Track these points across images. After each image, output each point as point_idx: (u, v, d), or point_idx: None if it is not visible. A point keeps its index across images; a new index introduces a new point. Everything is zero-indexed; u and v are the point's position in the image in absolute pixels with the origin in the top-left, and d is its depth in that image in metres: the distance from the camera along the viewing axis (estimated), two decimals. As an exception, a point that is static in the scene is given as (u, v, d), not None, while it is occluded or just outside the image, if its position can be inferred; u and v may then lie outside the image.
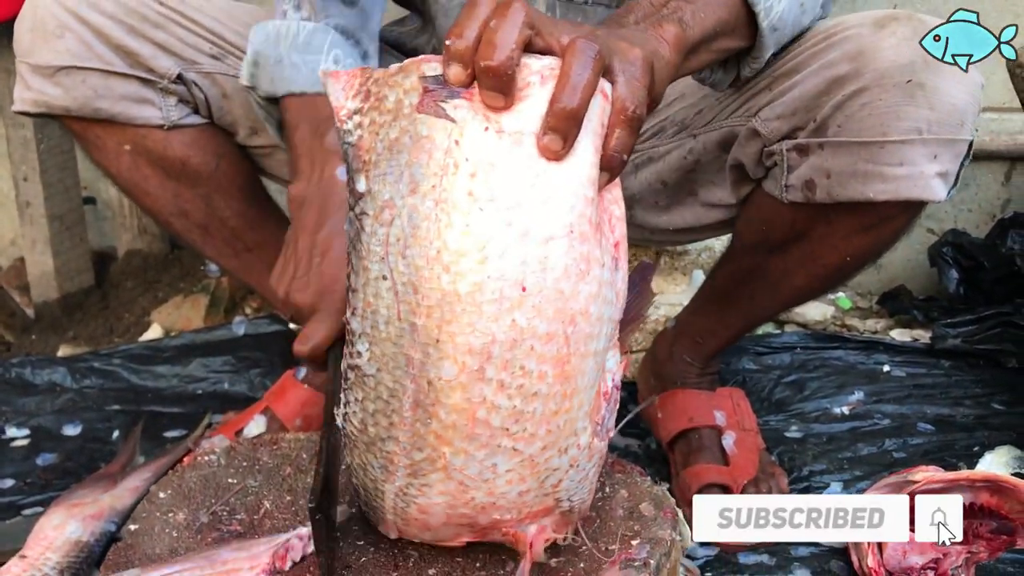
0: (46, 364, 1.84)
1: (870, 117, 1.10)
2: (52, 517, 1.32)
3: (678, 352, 1.48)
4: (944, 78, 1.08)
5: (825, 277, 1.30)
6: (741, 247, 1.35)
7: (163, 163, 1.32)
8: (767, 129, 1.17)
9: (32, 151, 2.12)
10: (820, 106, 1.12)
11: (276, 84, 1.16)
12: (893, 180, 1.11)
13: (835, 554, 1.30)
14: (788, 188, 1.18)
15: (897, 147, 1.10)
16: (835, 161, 1.13)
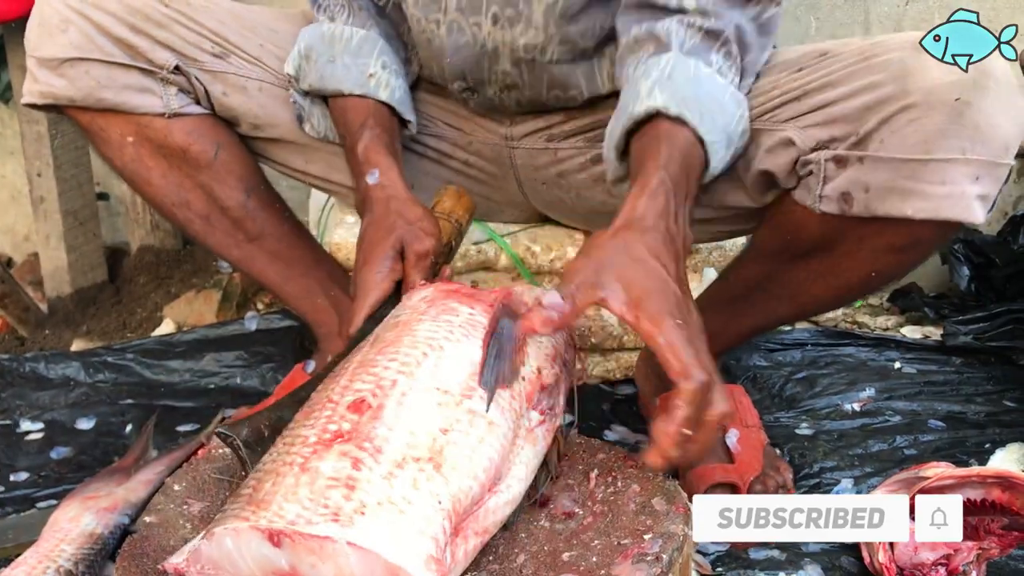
0: (60, 359, 1.85)
1: (915, 134, 1.09)
2: (67, 510, 1.33)
3: None
4: (992, 101, 1.08)
5: (846, 291, 1.30)
6: (760, 252, 1.34)
7: (165, 152, 1.35)
8: (804, 137, 1.16)
9: (46, 147, 2.13)
10: (864, 120, 1.11)
11: (326, 81, 1.30)
12: (934, 199, 1.10)
13: (846, 550, 1.30)
14: (822, 199, 1.16)
15: (940, 166, 1.09)
16: (875, 176, 1.12)
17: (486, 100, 1.34)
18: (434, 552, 0.80)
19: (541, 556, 0.93)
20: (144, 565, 0.92)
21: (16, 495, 1.49)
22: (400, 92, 1.32)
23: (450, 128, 1.43)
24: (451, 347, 0.93)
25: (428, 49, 1.32)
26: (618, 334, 1.72)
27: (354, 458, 0.83)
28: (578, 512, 0.99)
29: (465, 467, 0.86)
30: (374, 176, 1.24)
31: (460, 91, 1.34)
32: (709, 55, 1.13)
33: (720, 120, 1.11)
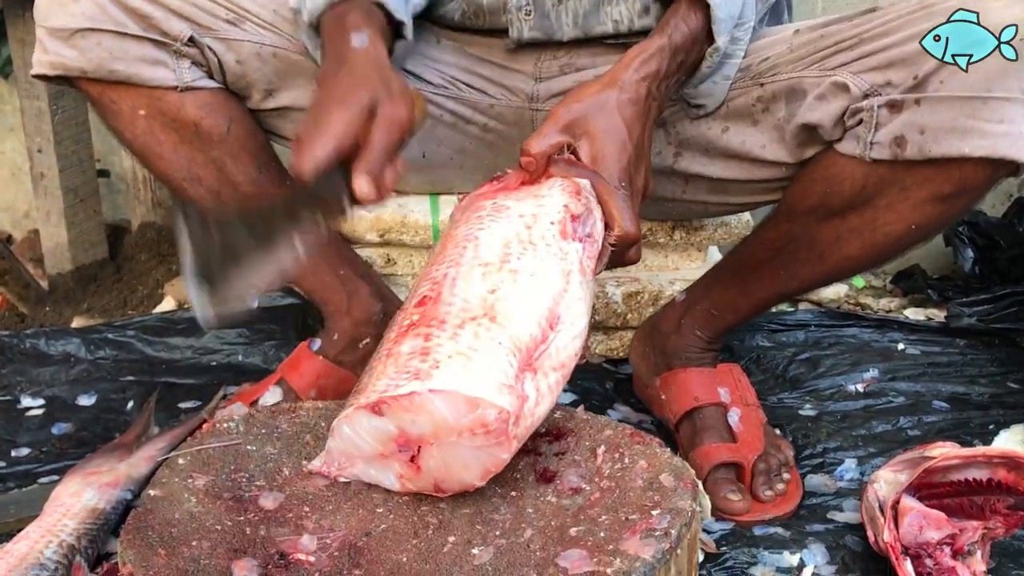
0: (60, 335, 1.84)
1: (975, 73, 1.11)
2: (69, 485, 1.33)
3: (687, 325, 1.46)
4: None
5: (880, 249, 1.29)
6: (792, 211, 1.32)
7: (176, 126, 1.33)
8: (858, 81, 1.18)
9: (47, 122, 2.12)
10: (923, 62, 1.13)
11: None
12: (991, 136, 1.12)
13: (850, 529, 1.30)
14: (873, 146, 1.18)
15: (1000, 104, 1.11)
16: (932, 117, 1.14)
17: (542, 18, 1.35)
18: (504, 381, 0.92)
19: (548, 531, 0.93)
20: (149, 538, 0.91)
21: (18, 470, 1.49)
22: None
23: (473, 91, 1.42)
24: (484, 234, 1.05)
25: None
26: (622, 312, 1.71)
27: (424, 334, 0.96)
28: (585, 488, 0.98)
29: (516, 314, 0.97)
30: (362, 38, 1.14)
31: (518, 8, 1.34)
32: None
33: (735, 6, 1.21)
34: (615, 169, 1.11)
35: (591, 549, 0.88)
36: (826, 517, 1.33)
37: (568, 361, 1.00)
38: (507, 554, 0.90)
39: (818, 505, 1.36)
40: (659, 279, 1.71)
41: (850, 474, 1.42)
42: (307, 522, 0.96)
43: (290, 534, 0.94)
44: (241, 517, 0.97)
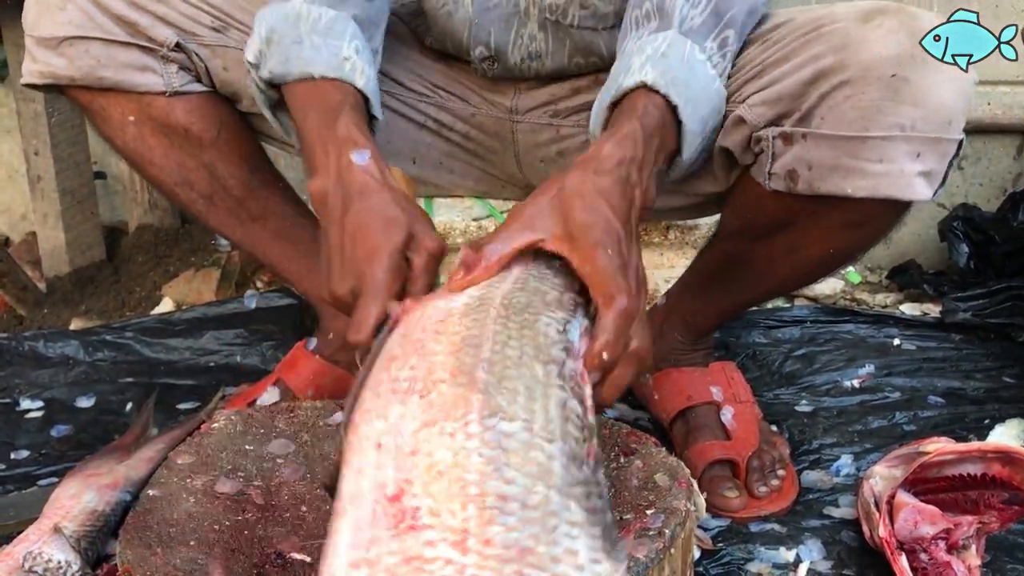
0: (59, 337, 1.85)
1: (852, 111, 1.07)
2: (68, 487, 1.33)
3: (668, 330, 1.47)
4: (932, 74, 1.05)
5: (809, 268, 1.30)
6: (725, 233, 1.34)
7: (166, 131, 1.33)
8: (753, 115, 1.14)
9: (43, 125, 2.12)
10: (806, 95, 1.10)
11: (291, 64, 1.13)
12: (873, 177, 1.09)
13: (846, 525, 1.31)
14: (772, 176, 1.15)
15: (878, 143, 1.07)
16: (817, 153, 1.11)
17: (506, 70, 1.32)
18: None
19: (544, 530, 0.93)
20: (147, 538, 0.92)
21: (17, 473, 1.49)
22: (373, 83, 1.15)
23: (454, 98, 1.41)
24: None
25: (448, 22, 1.30)
26: (618, 311, 1.72)
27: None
28: (580, 487, 0.99)
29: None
30: (363, 156, 1.05)
31: (481, 59, 1.31)
32: (706, 41, 1.10)
33: (703, 109, 1.08)
34: (601, 241, 0.90)
35: (586, 547, 0.89)
36: (822, 513, 1.34)
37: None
38: (503, 553, 0.91)
39: (814, 501, 1.36)
40: (654, 277, 1.72)
41: (846, 470, 1.43)
42: (305, 522, 0.97)
43: (288, 534, 0.95)
44: (239, 517, 0.97)
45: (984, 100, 1.95)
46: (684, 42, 1.08)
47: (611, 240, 0.90)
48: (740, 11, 1.12)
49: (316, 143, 1.08)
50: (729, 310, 1.46)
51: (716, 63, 1.10)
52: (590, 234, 0.90)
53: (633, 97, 1.05)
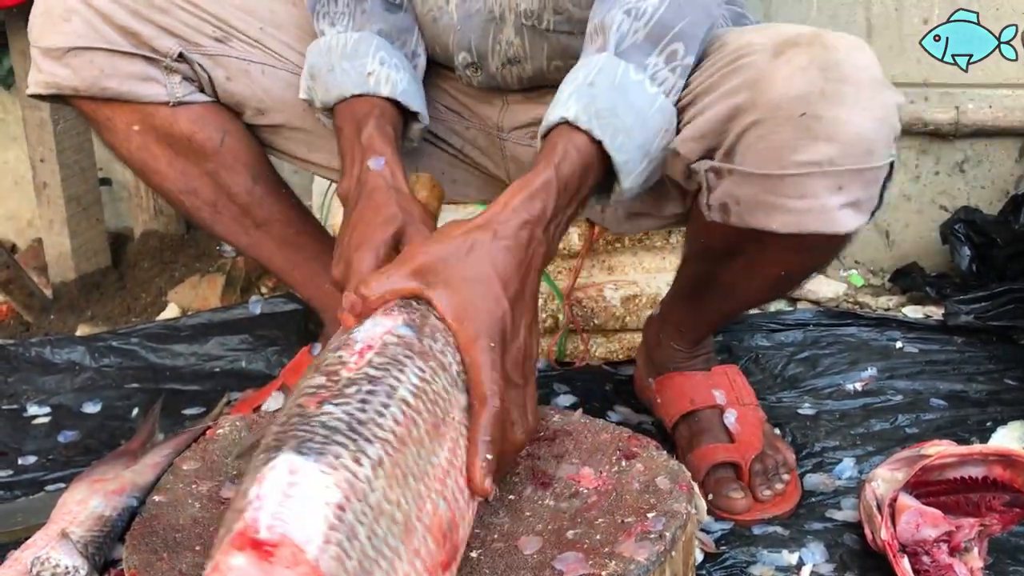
0: (65, 343, 1.86)
1: (767, 150, 1.06)
2: (75, 492, 1.34)
3: (665, 338, 1.48)
4: (844, 109, 1.02)
5: (771, 286, 1.30)
6: (690, 254, 1.35)
7: (170, 140, 1.35)
8: (685, 149, 1.13)
9: (49, 132, 2.14)
10: (726, 132, 1.09)
11: (330, 92, 1.24)
12: (795, 213, 1.07)
13: (848, 528, 1.31)
14: (710, 208, 1.14)
15: (796, 180, 1.05)
16: (742, 189, 1.09)
17: (489, 77, 1.32)
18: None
19: (546, 534, 0.94)
20: (153, 543, 0.93)
21: (25, 478, 1.50)
22: (404, 84, 1.25)
23: (450, 112, 1.42)
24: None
25: (433, 28, 1.31)
26: (620, 315, 1.73)
27: None
28: (582, 491, 1.00)
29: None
30: (379, 162, 1.17)
31: (464, 66, 1.32)
32: (647, 57, 1.07)
33: (638, 136, 1.06)
34: (483, 327, 0.91)
35: (587, 552, 0.90)
36: (824, 516, 1.34)
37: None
38: (504, 557, 0.91)
39: (817, 504, 1.37)
40: (656, 281, 1.73)
41: (848, 472, 1.43)
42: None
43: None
44: (244, 523, 0.98)
45: (986, 103, 1.96)
46: (617, 65, 1.06)
47: (495, 324, 0.92)
48: (692, 21, 1.09)
49: (346, 151, 1.21)
50: (715, 321, 1.46)
51: (663, 78, 1.08)
52: (475, 320, 0.91)
53: (555, 135, 1.05)
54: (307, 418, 0.79)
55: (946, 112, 1.96)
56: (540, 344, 0.97)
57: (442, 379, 0.89)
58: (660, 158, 1.11)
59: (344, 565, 0.69)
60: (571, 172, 1.02)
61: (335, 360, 0.86)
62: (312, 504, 0.71)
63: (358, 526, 0.72)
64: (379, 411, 0.81)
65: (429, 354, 0.89)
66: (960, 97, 1.97)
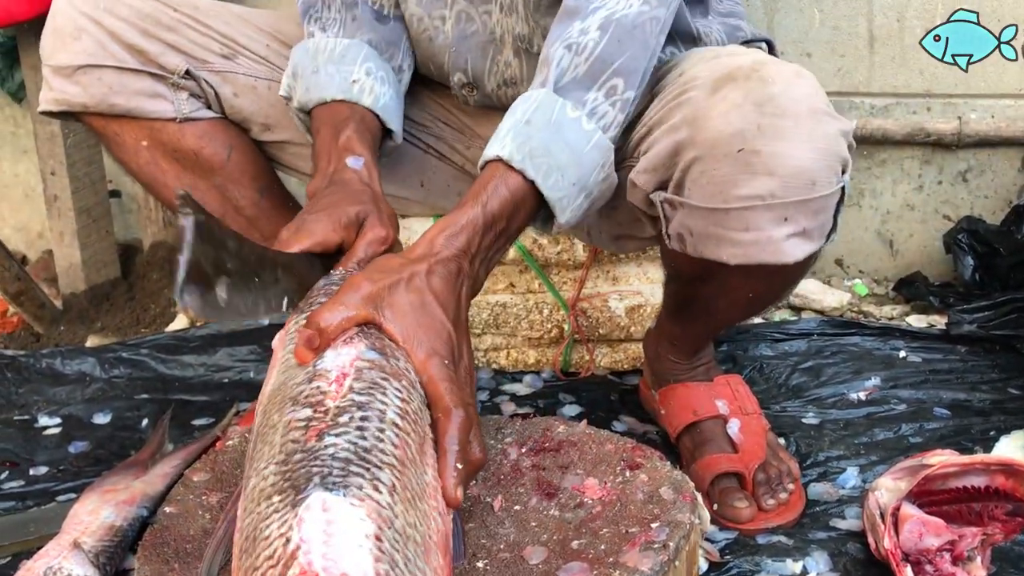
0: (76, 355, 1.88)
1: (709, 185, 1.07)
2: (86, 503, 1.36)
3: (663, 352, 1.49)
4: (784, 140, 1.04)
5: (745, 307, 1.31)
6: (668, 275, 1.36)
7: (178, 155, 1.37)
8: (641, 180, 1.15)
9: (59, 146, 2.16)
10: (673, 166, 1.10)
11: (311, 92, 1.26)
12: (742, 245, 1.09)
13: (852, 537, 1.32)
14: (669, 237, 1.16)
15: (740, 213, 1.07)
16: (692, 221, 1.11)
17: (485, 97, 1.34)
18: None
19: (551, 544, 0.96)
20: (164, 554, 0.94)
21: (36, 489, 1.52)
22: (385, 99, 1.27)
23: (450, 129, 1.44)
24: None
25: (429, 47, 1.33)
26: (625, 325, 1.74)
27: None
28: (587, 501, 1.01)
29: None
30: (358, 161, 1.18)
31: (460, 86, 1.34)
32: (586, 93, 1.09)
33: (572, 174, 1.07)
34: (435, 346, 0.95)
35: (592, 562, 0.91)
36: (828, 525, 1.35)
37: None
38: (510, 567, 0.93)
39: (820, 513, 1.38)
40: (661, 291, 1.73)
41: (852, 482, 1.44)
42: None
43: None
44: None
45: (988, 113, 1.97)
46: (554, 102, 1.08)
47: (444, 344, 0.96)
48: (632, 56, 1.10)
49: (321, 153, 1.21)
50: (703, 335, 1.47)
51: (603, 113, 1.09)
52: (424, 341, 0.95)
53: (489, 171, 1.07)
54: (313, 452, 0.79)
55: (948, 122, 1.97)
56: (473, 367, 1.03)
57: (416, 397, 0.91)
58: (602, 189, 1.12)
59: None
60: (499, 210, 1.05)
61: (314, 391, 0.86)
62: (354, 539, 0.71)
63: (395, 554, 0.73)
64: (378, 437, 0.82)
65: (401, 374, 0.91)
66: (963, 107, 1.98)
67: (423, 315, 0.96)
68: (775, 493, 1.37)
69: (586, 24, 1.10)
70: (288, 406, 0.86)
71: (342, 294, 0.95)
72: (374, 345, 0.92)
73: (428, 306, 0.97)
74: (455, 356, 0.97)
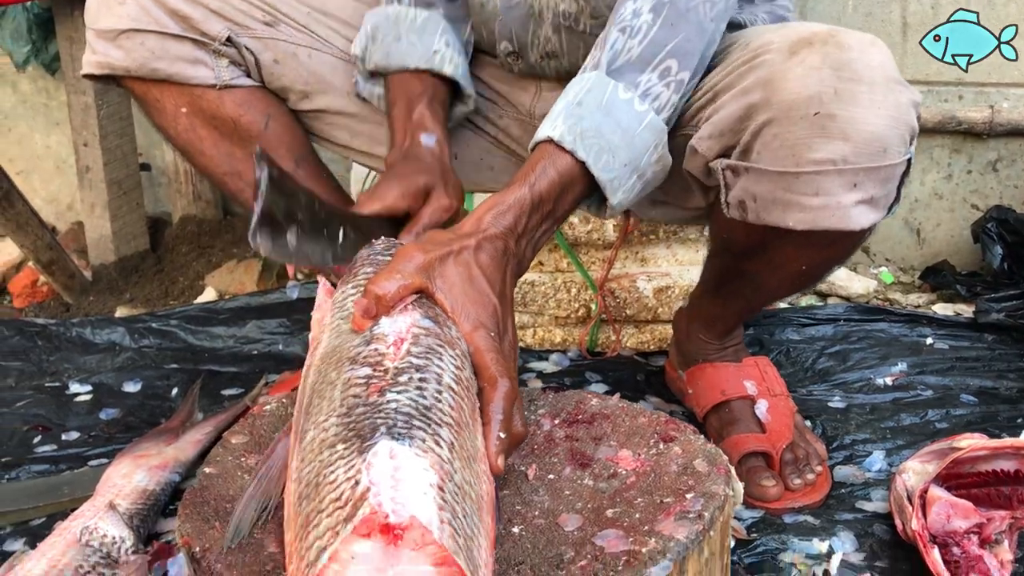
0: (106, 324, 1.90)
1: (782, 148, 1.07)
2: (120, 467, 1.38)
3: (694, 331, 1.50)
4: (858, 108, 1.05)
5: (794, 280, 1.31)
6: (715, 249, 1.37)
7: (216, 122, 1.38)
8: (703, 147, 1.15)
9: (93, 117, 2.18)
10: (742, 130, 1.11)
11: (391, 59, 1.31)
12: (810, 210, 1.09)
13: (878, 518, 1.33)
14: (728, 205, 1.16)
15: (811, 177, 1.07)
16: (759, 186, 1.11)
17: (528, 67, 1.36)
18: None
19: (585, 513, 0.96)
20: (204, 512, 0.95)
21: (69, 453, 1.54)
22: (463, 69, 1.33)
23: (484, 100, 1.45)
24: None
25: (480, 14, 1.35)
26: (652, 306, 1.75)
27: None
28: (621, 472, 1.02)
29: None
30: (431, 138, 1.25)
31: (506, 54, 1.35)
32: (639, 75, 1.10)
33: (623, 155, 1.08)
34: (481, 318, 0.97)
35: (627, 530, 0.92)
36: (855, 506, 1.36)
37: None
38: (546, 533, 0.93)
39: (847, 495, 1.38)
40: (690, 273, 1.74)
41: (878, 465, 1.44)
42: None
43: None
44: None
45: (1021, 102, 1.96)
46: (606, 84, 1.09)
47: (490, 317, 0.97)
48: (687, 38, 1.11)
49: (398, 127, 1.28)
50: (741, 313, 1.48)
51: (656, 95, 1.10)
52: (471, 312, 0.97)
53: (539, 152, 1.09)
54: (376, 406, 0.80)
55: (980, 111, 1.97)
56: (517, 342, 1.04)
57: (468, 367, 0.93)
58: (655, 171, 1.13)
59: (457, 543, 0.71)
60: (546, 191, 1.06)
61: (372, 352, 0.88)
62: (420, 486, 0.72)
63: (455, 506, 0.74)
64: (436, 397, 0.83)
65: (455, 342, 0.93)
66: (995, 96, 1.97)
67: (470, 288, 0.98)
68: (802, 473, 1.37)
69: (639, 6, 1.12)
70: (347, 365, 0.87)
71: (397, 263, 0.97)
72: (427, 314, 0.94)
73: (475, 280, 0.99)
74: (500, 330, 0.98)
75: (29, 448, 1.56)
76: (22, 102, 2.51)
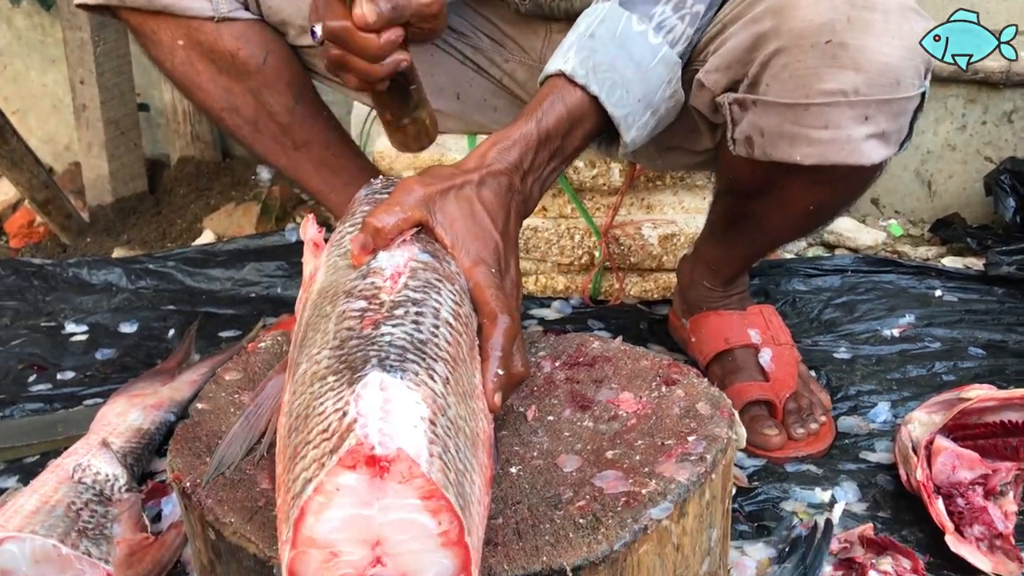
0: (102, 265, 1.88)
1: (791, 79, 1.04)
2: (114, 405, 1.37)
3: (698, 277, 1.48)
4: (871, 37, 1.01)
5: (801, 221, 1.28)
6: (721, 190, 1.34)
7: (214, 56, 1.35)
8: (709, 81, 1.12)
9: (89, 54, 2.13)
10: (751, 61, 1.07)
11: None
12: (818, 144, 1.06)
13: (882, 469, 1.31)
14: (735, 142, 1.13)
15: (821, 110, 1.04)
16: (766, 120, 1.08)
17: (536, 5, 1.31)
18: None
19: (585, 454, 0.94)
20: (197, 448, 0.94)
21: (64, 392, 1.53)
22: None
23: (490, 41, 1.41)
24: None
25: None
26: (657, 254, 1.72)
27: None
28: (622, 414, 1.00)
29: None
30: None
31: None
32: (653, 7, 1.06)
33: (637, 89, 1.05)
34: (482, 254, 0.94)
35: (627, 471, 0.90)
36: (858, 457, 1.34)
37: None
38: (544, 474, 0.92)
39: (850, 445, 1.37)
40: (696, 221, 1.71)
41: (883, 416, 1.42)
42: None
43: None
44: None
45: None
46: (620, 16, 1.05)
47: (491, 253, 0.94)
48: None
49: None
50: (747, 258, 1.45)
51: (670, 27, 1.06)
52: (472, 248, 0.94)
53: (548, 87, 1.05)
54: (369, 339, 0.78)
55: (997, 60, 1.92)
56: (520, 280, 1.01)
57: (467, 303, 0.90)
58: (668, 106, 1.10)
59: (447, 478, 0.69)
60: (554, 127, 1.03)
61: (368, 286, 0.85)
62: (410, 419, 0.70)
63: (447, 440, 0.72)
64: (432, 332, 0.81)
65: (454, 277, 0.90)
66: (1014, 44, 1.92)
67: (472, 223, 0.95)
68: (805, 423, 1.36)
69: None
70: (342, 298, 0.85)
71: (396, 196, 0.93)
72: (426, 248, 0.91)
73: (477, 215, 0.95)
74: (501, 267, 0.95)
75: (24, 387, 1.55)
76: (17, 39, 2.47)
